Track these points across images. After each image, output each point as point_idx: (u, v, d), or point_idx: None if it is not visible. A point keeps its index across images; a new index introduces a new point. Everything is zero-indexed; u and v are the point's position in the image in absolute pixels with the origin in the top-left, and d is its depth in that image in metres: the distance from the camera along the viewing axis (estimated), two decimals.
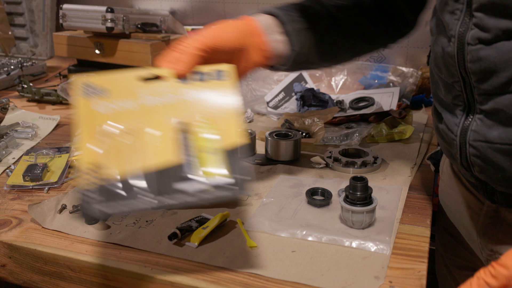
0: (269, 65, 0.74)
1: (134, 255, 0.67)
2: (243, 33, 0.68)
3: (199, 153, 0.58)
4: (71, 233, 0.73)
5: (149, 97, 0.61)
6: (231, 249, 0.68)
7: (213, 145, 0.58)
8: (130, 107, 0.60)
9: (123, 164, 0.57)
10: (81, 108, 0.60)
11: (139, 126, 0.59)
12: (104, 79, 0.62)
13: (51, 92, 1.38)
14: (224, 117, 0.60)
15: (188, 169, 0.57)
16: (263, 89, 1.42)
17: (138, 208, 0.55)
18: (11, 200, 0.83)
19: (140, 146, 0.58)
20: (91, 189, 0.55)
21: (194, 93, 0.62)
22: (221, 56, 0.66)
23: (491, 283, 0.50)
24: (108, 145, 0.58)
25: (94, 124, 0.59)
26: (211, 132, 0.59)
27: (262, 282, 0.61)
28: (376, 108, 1.21)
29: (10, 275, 0.73)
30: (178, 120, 0.60)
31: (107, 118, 0.59)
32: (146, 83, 0.62)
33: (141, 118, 0.60)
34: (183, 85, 0.62)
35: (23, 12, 1.93)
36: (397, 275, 0.62)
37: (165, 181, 0.56)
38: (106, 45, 1.48)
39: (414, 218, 0.75)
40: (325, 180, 0.89)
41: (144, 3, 1.81)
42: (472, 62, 0.58)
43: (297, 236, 0.70)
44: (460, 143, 0.65)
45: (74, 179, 0.91)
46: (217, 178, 0.56)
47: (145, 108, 0.61)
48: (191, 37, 0.65)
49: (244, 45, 0.68)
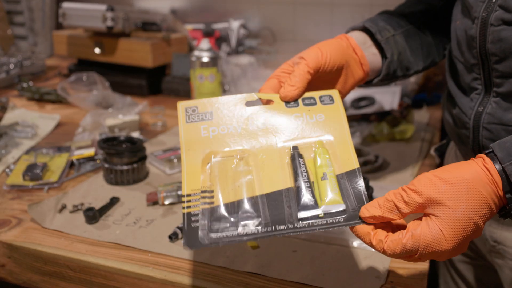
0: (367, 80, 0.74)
1: (134, 255, 0.67)
2: (343, 50, 0.67)
3: (311, 178, 0.55)
4: (71, 232, 0.72)
5: (254, 121, 0.59)
6: (232, 249, 0.67)
7: (327, 171, 0.55)
8: (235, 131, 0.59)
9: (232, 190, 0.54)
10: (186, 134, 0.58)
11: (246, 148, 0.57)
12: (207, 103, 0.60)
13: (51, 91, 1.38)
14: (337, 142, 0.58)
15: (299, 195, 0.53)
16: None
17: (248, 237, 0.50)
18: (11, 199, 0.83)
19: (249, 169, 0.56)
20: (199, 214, 0.52)
21: (303, 117, 0.60)
22: (325, 76, 0.65)
23: (401, 208, 0.48)
24: (215, 168, 0.56)
25: (200, 147, 0.57)
26: (325, 157, 0.56)
27: (263, 282, 0.61)
28: (377, 107, 1.20)
29: (10, 275, 0.72)
30: (289, 144, 0.58)
31: (211, 142, 0.58)
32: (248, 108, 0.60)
33: (247, 141, 0.58)
34: (289, 109, 0.60)
35: (22, 10, 1.93)
36: (398, 275, 0.62)
37: (274, 206, 0.53)
38: (106, 44, 1.47)
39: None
40: None
41: (144, 2, 1.81)
42: (493, 43, 0.60)
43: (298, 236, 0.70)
44: (473, 126, 0.66)
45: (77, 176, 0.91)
46: (329, 205, 0.53)
47: (250, 132, 0.58)
48: (295, 61, 0.64)
49: (347, 61, 0.67)
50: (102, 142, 0.89)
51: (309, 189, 0.53)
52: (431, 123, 1.20)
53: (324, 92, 0.62)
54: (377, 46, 0.73)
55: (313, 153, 0.57)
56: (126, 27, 1.44)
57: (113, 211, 0.78)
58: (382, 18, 0.77)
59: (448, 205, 0.46)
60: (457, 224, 0.46)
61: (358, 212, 0.52)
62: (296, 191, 0.53)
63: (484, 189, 0.47)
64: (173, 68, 1.47)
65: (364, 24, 0.74)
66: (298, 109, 0.60)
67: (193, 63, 1.16)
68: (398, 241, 0.48)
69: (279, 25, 1.66)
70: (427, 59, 0.80)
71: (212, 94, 1.17)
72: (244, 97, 0.61)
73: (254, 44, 1.65)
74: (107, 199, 0.81)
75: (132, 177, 0.88)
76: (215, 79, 1.17)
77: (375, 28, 0.73)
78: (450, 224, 0.46)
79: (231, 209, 0.52)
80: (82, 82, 1.31)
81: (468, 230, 0.47)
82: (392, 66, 0.74)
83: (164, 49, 1.47)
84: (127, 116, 1.15)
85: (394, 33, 0.74)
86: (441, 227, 0.47)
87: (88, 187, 0.87)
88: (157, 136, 1.13)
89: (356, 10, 1.55)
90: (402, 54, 0.76)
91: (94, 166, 0.95)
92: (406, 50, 0.76)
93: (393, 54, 0.73)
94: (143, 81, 1.46)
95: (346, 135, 0.58)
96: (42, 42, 1.95)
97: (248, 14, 1.68)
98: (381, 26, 0.74)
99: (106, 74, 1.43)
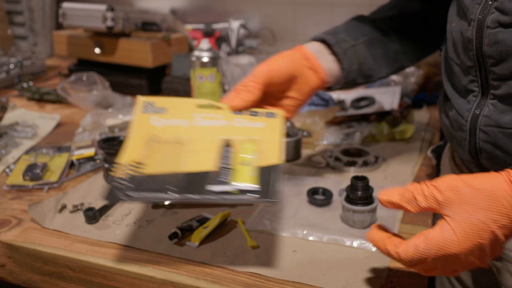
0: (326, 86, 0.78)
1: (134, 255, 0.67)
2: (295, 59, 0.73)
3: (235, 165, 0.63)
4: (71, 232, 0.72)
5: (201, 120, 0.68)
6: (232, 248, 0.67)
7: (250, 160, 0.63)
8: (182, 124, 0.68)
9: (162, 166, 0.62)
10: (138, 120, 0.68)
11: (186, 138, 0.66)
12: (164, 101, 0.70)
13: (51, 91, 1.38)
14: (267, 141, 0.66)
15: (221, 175, 0.61)
16: None
17: (160, 199, 0.58)
18: (11, 199, 0.83)
19: (183, 153, 0.64)
20: (125, 178, 0.60)
21: (245, 122, 0.68)
22: (279, 86, 0.71)
23: (419, 201, 0.49)
24: (153, 148, 0.65)
25: (146, 132, 0.67)
26: (251, 150, 0.65)
27: (263, 282, 0.61)
28: (377, 107, 1.20)
29: (10, 275, 0.72)
30: (224, 138, 0.66)
31: (159, 130, 0.67)
32: (202, 110, 0.69)
33: (189, 133, 0.67)
34: (235, 115, 0.69)
35: (22, 10, 1.93)
36: (398, 274, 0.62)
37: (196, 182, 0.60)
38: (106, 44, 1.47)
39: (415, 218, 0.75)
40: (326, 179, 0.89)
41: (144, 2, 1.81)
42: (489, 45, 0.60)
43: (298, 235, 0.70)
44: (470, 128, 0.66)
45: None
46: (244, 184, 0.60)
47: (195, 127, 0.68)
48: (249, 75, 0.70)
49: (298, 70, 0.72)
50: (102, 142, 0.89)
51: (228, 170, 0.62)
52: (431, 123, 1.20)
53: (270, 110, 0.71)
54: (336, 56, 0.77)
55: (244, 146, 0.66)
56: (126, 27, 1.44)
57: (113, 211, 0.78)
58: (345, 29, 0.81)
59: (465, 208, 0.47)
60: (471, 227, 0.46)
61: (271, 195, 0.58)
62: (219, 172, 0.61)
63: (506, 200, 0.47)
64: (173, 68, 1.47)
65: (322, 36, 0.78)
66: (242, 116, 0.69)
67: (193, 63, 1.16)
68: (411, 243, 0.48)
69: (279, 25, 1.66)
70: (393, 65, 0.84)
71: (212, 94, 1.17)
72: (198, 101, 0.71)
73: (254, 44, 1.65)
74: None
75: None
76: (215, 79, 1.17)
77: (334, 40, 0.77)
78: (464, 227, 0.46)
79: (154, 178, 0.60)
80: (82, 82, 1.31)
81: (484, 237, 0.46)
82: (351, 76, 0.78)
83: (164, 49, 1.47)
84: (127, 116, 1.15)
85: (354, 43, 0.78)
86: (454, 228, 0.46)
87: (88, 187, 0.87)
88: None
89: (356, 10, 1.54)
90: (363, 63, 0.79)
91: (94, 166, 0.95)
92: (367, 59, 0.80)
93: (352, 65, 0.77)
94: (143, 81, 1.46)
95: (277, 140, 0.67)
96: (42, 42, 1.95)
97: (248, 14, 1.68)
98: (340, 38, 0.78)
99: (106, 74, 1.43)
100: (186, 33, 1.59)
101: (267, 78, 0.69)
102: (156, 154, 0.64)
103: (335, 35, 0.78)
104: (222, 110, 0.69)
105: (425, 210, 0.50)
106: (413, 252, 0.48)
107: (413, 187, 0.50)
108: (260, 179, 0.60)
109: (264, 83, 0.69)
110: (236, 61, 1.45)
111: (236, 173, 0.61)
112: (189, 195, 0.58)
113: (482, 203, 0.47)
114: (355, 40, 0.79)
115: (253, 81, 0.69)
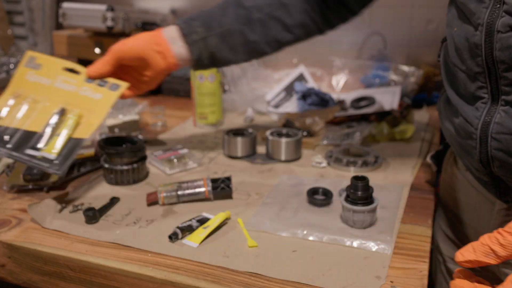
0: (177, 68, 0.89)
1: (134, 255, 0.67)
2: (147, 42, 0.84)
3: (54, 132, 0.76)
4: (71, 233, 0.72)
5: (61, 82, 0.82)
6: (232, 249, 0.67)
7: (65, 131, 0.76)
8: (45, 83, 0.81)
9: (14, 120, 0.77)
10: (18, 73, 0.82)
11: (42, 96, 0.80)
12: (44, 58, 0.83)
13: None
14: (93, 114, 0.78)
15: (40, 140, 0.75)
16: (264, 88, 1.41)
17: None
18: (11, 199, 0.83)
19: (33, 112, 0.78)
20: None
21: (88, 91, 0.81)
22: (131, 62, 0.84)
23: (498, 252, 0.47)
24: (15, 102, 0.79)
25: (18, 85, 0.81)
26: (73, 121, 0.77)
27: (262, 282, 0.61)
28: (377, 107, 1.20)
29: (10, 275, 0.72)
30: (63, 105, 0.79)
31: (28, 84, 0.81)
32: (66, 72, 0.83)
33: (46, 93, 0.80)
34: (86, 83, 0.82)
35: (22, 10, 1.93)
36: (398, 274, 0.62)
37: (25, 141, 0.75)
38: (106, 44, 1.47)
39: (415, 218, 0.75)
40: (326, 179, 0.89)
41: (144, 2, 1.81)
42: (501, 51, 0.57)
43: (298, 235, 0.70)
44: (480, 136, 0.63)
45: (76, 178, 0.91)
46: (47, 153, 0.74)
47: (52, 88, 0.81)
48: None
49: (147, 54, 0.84)
50: (102, 142, 0.89)
51: (44, 138, 0.75)
52: (431, 123, 1.20)
53: (117, 81, 0.82)
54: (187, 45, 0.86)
55: (70, 117, 0.77)
56: (126, 27, 1.44)
57: (113, 211, 0.78)
58: (207, 15, 0.88)
59: None
60: None
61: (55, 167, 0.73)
62: (41, 135, 0.75)
63: None
64: None
65: (178, 23, 0.87)
66: (90, 85, 0.81)
67: None
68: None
69: None
70: (251, 54, 0.91)
71: (212, 94, 1.17)
72: (67, 64, 0.83)
73: None
74: (107, 199, 0.81)
75: (132, 177, 0.88)
76: (215, 79, 1.17)
77: (187, 29, 0.86)
78: None
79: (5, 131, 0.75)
80: None
81: None
82: (203, 62, 0.88)
83: None
84: (127, 116, 1.15)
85: (206, 35, 0.87)
86: None
87: (88, 187, 0.87)
88: (157, 136, 1.13)
89: None
90: (215, 53, 0.88)
91: (94, 166, 0.95)
92: (221, 50, 0.88)
93: (202, 53, 0.87)
94: None
95: (101, 115, 0.78)
96: (42, 42, 1.95)
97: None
98: (193, 28, 0.86)
99: None
100: None
101: (118, 56, 0.82)
102: (15, 107, 0.78)
103: (190, 24, 0.86)
104: (80, 75, 0.82)
105: (507, 259, 0.47)
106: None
107: (486, 239, 0.48)
108: (61, 150, 0.74)
109: (116, 58, 0.82)
110: None
111: (50, 140, 0.74)
112: (13, 153, 0.73)
113: None
114: (208, 31, 0.87)
115: (107, 55, 0.82)
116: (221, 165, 0.97)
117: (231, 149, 1.00)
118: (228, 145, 1.00)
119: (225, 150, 1.01)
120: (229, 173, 0.92)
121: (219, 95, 1.19)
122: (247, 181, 0.89)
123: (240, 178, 0.90)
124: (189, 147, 1.06)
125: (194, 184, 0.81)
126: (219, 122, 1.21)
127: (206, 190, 0.80)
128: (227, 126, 1.22)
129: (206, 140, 1.12)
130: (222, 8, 0.89)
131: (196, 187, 0.80)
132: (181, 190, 0.80)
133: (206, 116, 1.19)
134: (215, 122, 1.20)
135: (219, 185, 0.81)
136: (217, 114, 1.20)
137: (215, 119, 1.20)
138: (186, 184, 0.81)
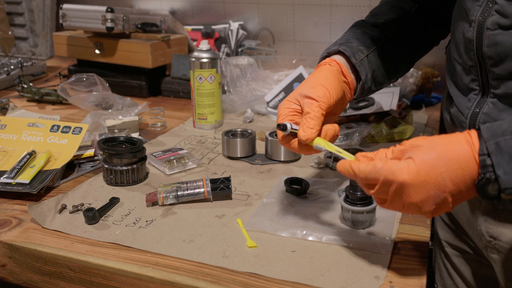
0: None
1: (134, 255, 0.67)
2: (339, 80, 0.73)
3: (27, 166, 0.88)
4: (71, 233, 0.72)
5: (27, 136, 0.97)
6: (231, 249, 0.68)
7: (37, 165, 0.87)
8: (11, 138, 0.97)
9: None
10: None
11: (10, 148, 0.96)
12: (6, 119, 1.00)
13: (51, 92, 1.38)
14: (62, 154, 0.93)
15: (13, 171, 0.86)
16: (263, 89, 1.42)
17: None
18: (11, 200, 0.83)
19: (4, 158, 0.92)
20: None
21: (55, 139, 0.96)
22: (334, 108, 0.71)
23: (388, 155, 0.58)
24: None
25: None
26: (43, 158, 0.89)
27: (262, 282, 0.61)
28: (376, 108, 1.21)
29: (10, 275, 0.73)
30: (32, 149, 0.94)
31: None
32: (31, 127, 0.98)
33: (13, 145, 0.96)
34: (51, 133, 0.96)
35: (23, 12, 1.93)
36: (397, 275, 0.62)
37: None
38: (106, 45, 1.48)
39: (414, 218, 0.75)
40: (325, 180, 0.89)
41: (144, 3, 1.81)
42: (488, 47, 0.61)
43: (297, 236, 0.70)
44: (469, 125, 0.67)
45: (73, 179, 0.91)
46: (21, 180, 0.84)
47: (19, 141, 0.97)
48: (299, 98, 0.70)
49: (342, 90, 0.72)
50: (102, 143, 0.89)
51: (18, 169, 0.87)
52: (429, 124, 1.21)
53: (79, 125, 0.97)
54: (352, 67, 0.77)
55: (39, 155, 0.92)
56: (126, 28, 1.45)
57: (113, 211, 0.79)
58: (355, 36, 0.80)
59: (423, 151, 0.53)
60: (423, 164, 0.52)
61: (30, 187, 0.82)
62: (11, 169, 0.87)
63: (459, 147, 0.52)
64: (172, 69, 1.48)
65: (338, 48, 0.77)
66: (55, 134, 0.97)
67: (193, 64, 1.16)
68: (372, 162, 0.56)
69: (278, 26, 1.66)
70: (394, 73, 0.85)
71: (212, 95, 1.17)
72: (31, 120, 0.99)
73: (254, 45, 1.65)
74: (107, 199, 0.82)
75: (131, 178, 0.88)
76: (214, 80, 1.17)
77: (349, 51, 0.76)
78: (418, 163, 0.53)
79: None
80: (82, 83, 1.32)
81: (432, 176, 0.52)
82: (367, 85, 0.79)
83: (164, 50, 1.47)
84: (127, 117, 1.15)
85: (367, 52, 0.78)
86: (409, 162, 0.53)
87: (88, 188, 0.87)
88: (156, 137, 1.14)
89: (355, 10, 1.55)
90: (376, 71, 0.80)
91: (94, 167, 0.95)
92: (379, 67, 0.80)
93: (367, 74, 0.78)
94: (142, 82, 1.46)
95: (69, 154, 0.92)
96: (43, 43, 1.95)
97: (248, 15, 1.69)
98: (354, 48, 0.77)
99: (106, 75, 1.43)
100: (185, 34, 1.59)
101: (328, 105, 0.68)
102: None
103: (349, 45, 0.77)
104: (43, 129, 0.97)
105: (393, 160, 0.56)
106: (370, 169, 0.55)
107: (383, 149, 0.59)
108: (34, 177, 0.85)
109: (327, 109, 0.68)
110: (235, 62, 1.46)
111: (23, 172, 0.86)
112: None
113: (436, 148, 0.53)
114: (368, 48, 0.78)
115: (319, 107, 0.67)
116: (220, 166, 0.97)
117: (230, 149, 1.00)
118: (228, 146, 1.00)
119: (224, 151, 1.01)
120: (229, 173, 0.93)
121: (218, 96, 1.19)
122: (246, 182, 0.90)
123: (239, 179, 0.91)
124: (189, 147, 1.07)
125: (193, 185, 0.81)
126: (218, 122, 1.21)
127: (205, 191, 0.80)
128: (226, 126, 1.22)
129: (206, 140, 1.12)
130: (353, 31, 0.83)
131: (195, 188, 0.81)
132: (181, 191, 0.80)
133: (206, 117, 1.19)
134: (214, 122, 1.20)
135: (218, 185, 0.81)
136: (216, 115, 1.20)
137: (214, 120, 1.20)
138: (186, 184, 0.81)
